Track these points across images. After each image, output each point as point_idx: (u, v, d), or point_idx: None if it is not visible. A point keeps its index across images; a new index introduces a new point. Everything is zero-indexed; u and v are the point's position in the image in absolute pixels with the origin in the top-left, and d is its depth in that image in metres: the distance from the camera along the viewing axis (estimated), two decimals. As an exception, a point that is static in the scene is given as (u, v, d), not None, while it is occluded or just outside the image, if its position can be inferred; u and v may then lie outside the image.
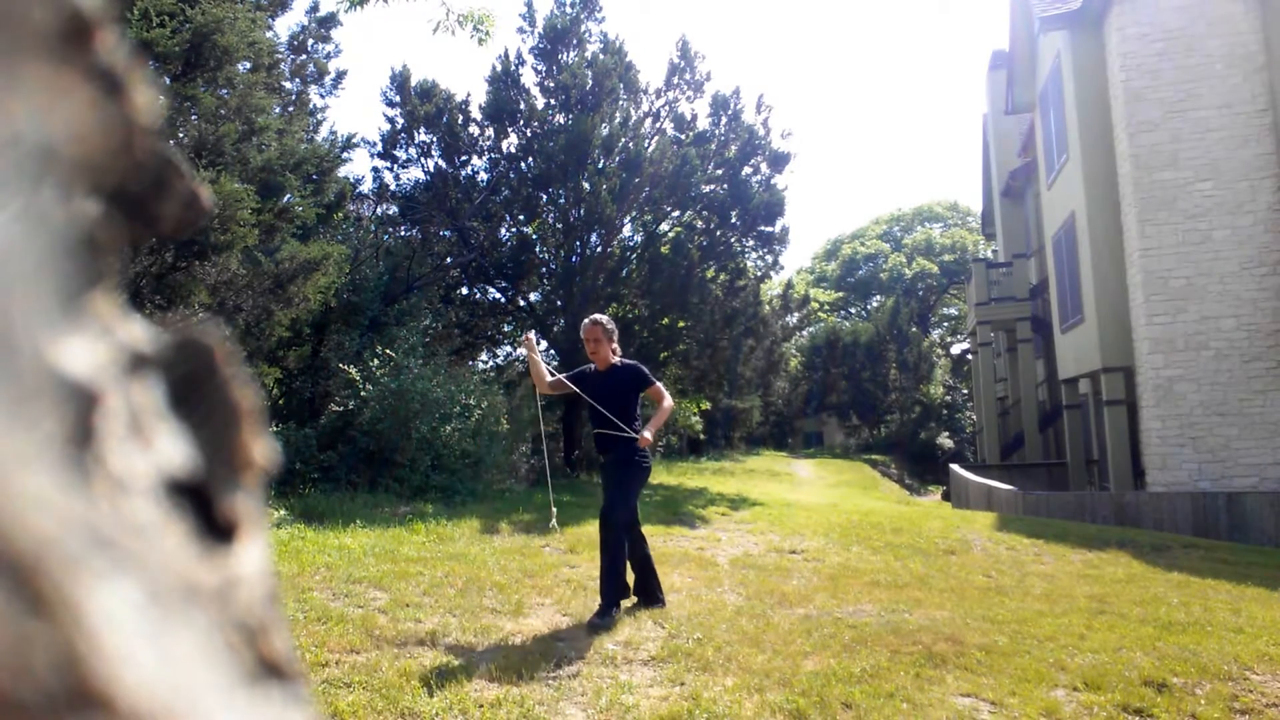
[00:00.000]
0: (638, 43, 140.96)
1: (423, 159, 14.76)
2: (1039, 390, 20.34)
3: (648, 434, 4.67)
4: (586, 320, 4.89)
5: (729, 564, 6.49)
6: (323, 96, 11.86)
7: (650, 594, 4.90)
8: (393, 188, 14.96)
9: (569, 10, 14.58)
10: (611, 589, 4.53)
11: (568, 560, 6.24)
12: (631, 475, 4.69)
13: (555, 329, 14.89)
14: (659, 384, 4.86)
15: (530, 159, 14.40)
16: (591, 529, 7.17)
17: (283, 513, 7.21)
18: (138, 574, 0.20)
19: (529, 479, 13.67)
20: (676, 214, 15.09)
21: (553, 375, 4.99)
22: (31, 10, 0.21)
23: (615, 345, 4.93)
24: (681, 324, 15.03)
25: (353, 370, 9.53)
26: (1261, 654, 4.18)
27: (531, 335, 4.93)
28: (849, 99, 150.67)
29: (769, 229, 15.17)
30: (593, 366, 4.93)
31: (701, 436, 28.39)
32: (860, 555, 6.97)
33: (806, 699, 3.39)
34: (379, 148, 14.71)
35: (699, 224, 15.17)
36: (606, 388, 4.79)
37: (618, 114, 14.39)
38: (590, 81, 13.91)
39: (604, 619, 4.41)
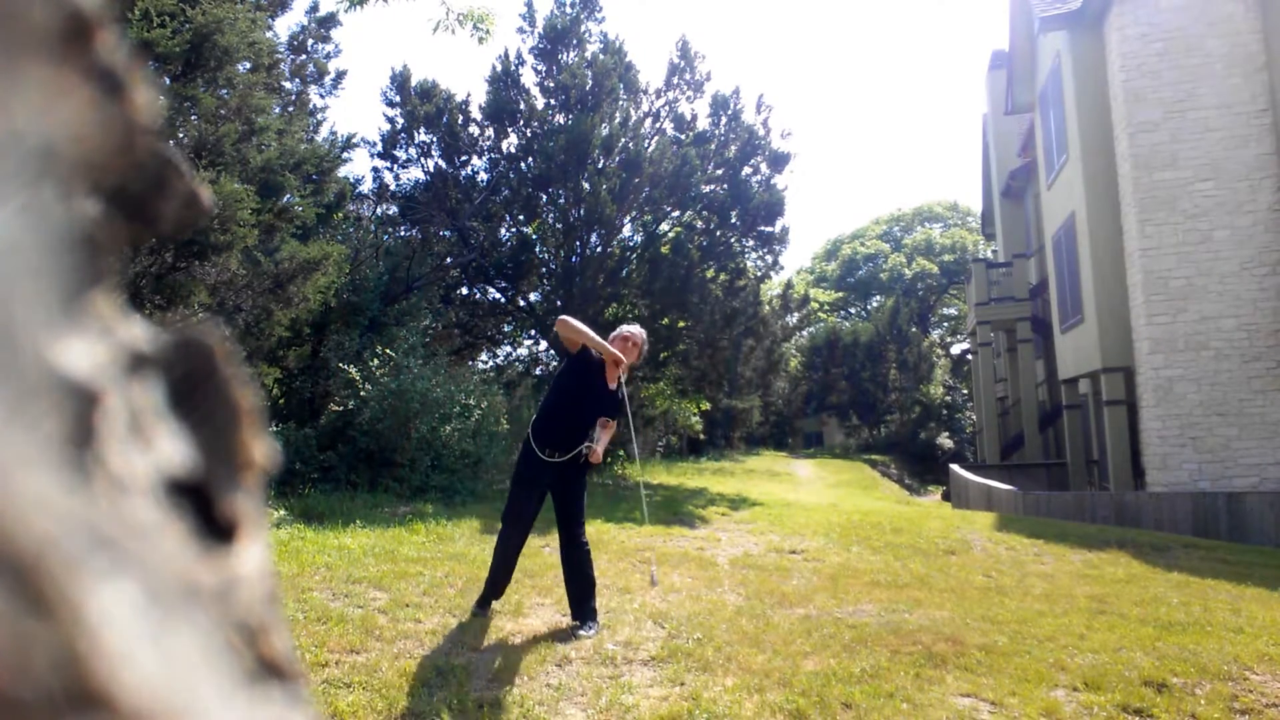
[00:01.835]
0: (638, 43, 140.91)
1: (423, 159, 14.76)
2: (1039, 390, 20.34)
3: (598, 448, 4.39)
4: (643, 333, 4.61)
5: (729, 564, 6.49)
6: (323, 96, 11.87)
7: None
8: (393, 188, 14.96)
9: (569, 10, 14.58)
10: (593, 604, 4.44)
11: (568, 560, 6.23)
12: (579, 486, 4.47)
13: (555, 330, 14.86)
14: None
15: (530, 159, 14.40)
16: (591, 529, 7.16)
17: (283, 513, 7.21)
18: (138, 574, 0.20)
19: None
20: (676, 214, 15.09)
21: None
22: (31, 10, 0.21)
23: (624, 370, 4.59)
24: (681, 324, 15.02)
25: (353, 370, 9.53)
26: (1261, 654, 4.18)
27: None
28: (849, 99, 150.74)
29: (769, 229, 15.18)
30: (598, 361, 4.55)
31: (701, 436, 28.39)
32: (860, 555, 6.97)
33: (806, 699, 3.39)
34: (379, 148, 14.71)
35: (699, 224, 15.17)
36: (597, 392, 4.46)
37: (618, 114, 14.39)
38: (590, 81, 13.91)
39: (591, 628, 4.33)
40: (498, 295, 16.00)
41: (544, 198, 14.46)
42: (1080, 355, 14.26)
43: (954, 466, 19.47)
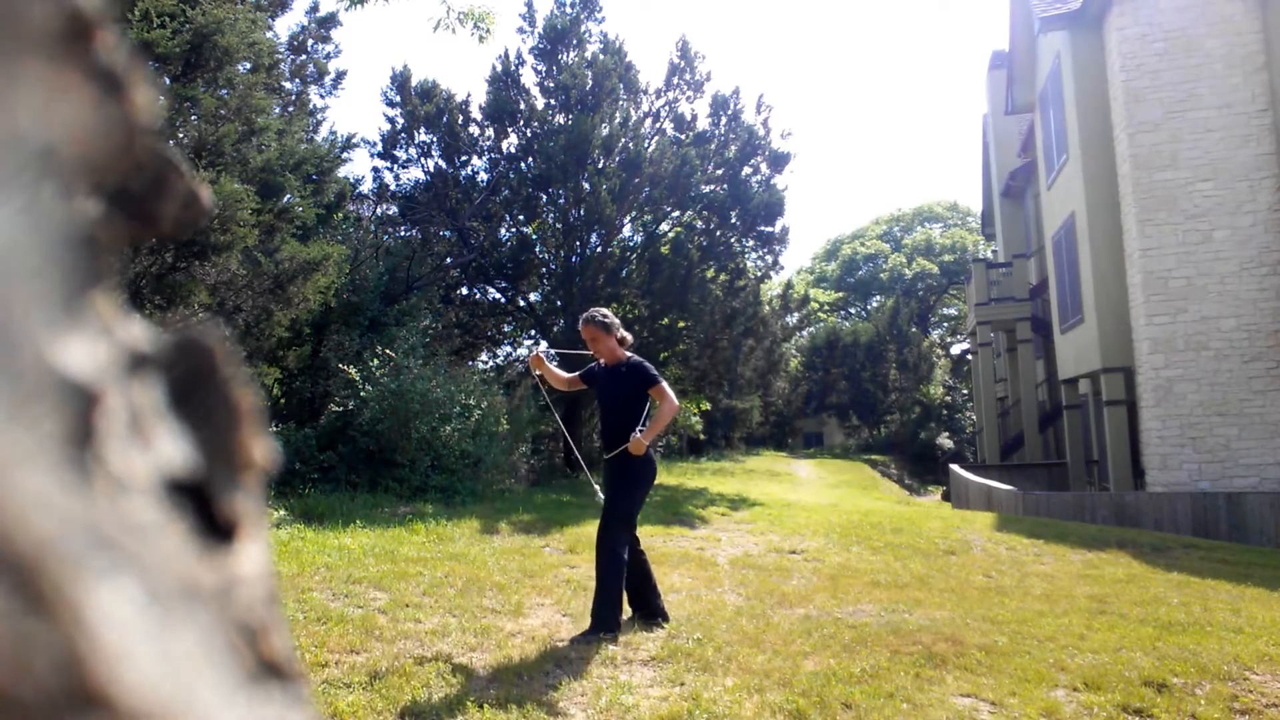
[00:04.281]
0: (638, 43, 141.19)
1: (423, 159, 14.76)
2: (1039, 390, 20.33)
3: (640, 436, 4.31)
4: (581, 319, 4.57)
5: (729, 564, 6.49)
6: (323, 96, 11.87)
7: (648, 606, 4.58)
8: (393, 188, 14.96)
9: (569, 10, 14.59)
10: (601, 611, 4.25)
11: (568, 560, 6.24)
12: (629, 486, 4.39)
13: (555, 329, 14.89)
14: (664, 383, 4.44)
15: (530, 159, 14.40)
16: (590, 529, 7.17)
17: (283, 513, 7.21)
18: (138, 574, 0.20)
19: (529, 479, 13.66)
20: (676, 214, 15.09)
21: (569, 373, 4.85)
22: (31, 10, 0.21)
23: (623, 335, 4.56)
24: (681, 324, 15.02)
25: (353, 370, 9.53)
26: (1261, 654, 4.18)
27: (538, 352, 4.72)
28: (849, 99, 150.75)
29: (769, 229, 15.18)
30: (602, 362, 4.62)
31: (701, 436, 28.37)
32: (860, 555, 6.97)
33: (806, 699, 3.39)
34: (379, 148, 14.71)
35: (699, 224, 15.17)
36: (610, 388, 4.53)
37: (618, 114, 14.39)
38: (590, 82, 13.91)
39: (587, 638, 4.15)
40: (498, 295, 16.00)
41: (544, 198, 14.46)
42: (1080, 355, 14.26)
43: (954, 466, 19.47)
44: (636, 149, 14.04)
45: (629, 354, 4.56)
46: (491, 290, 15.91)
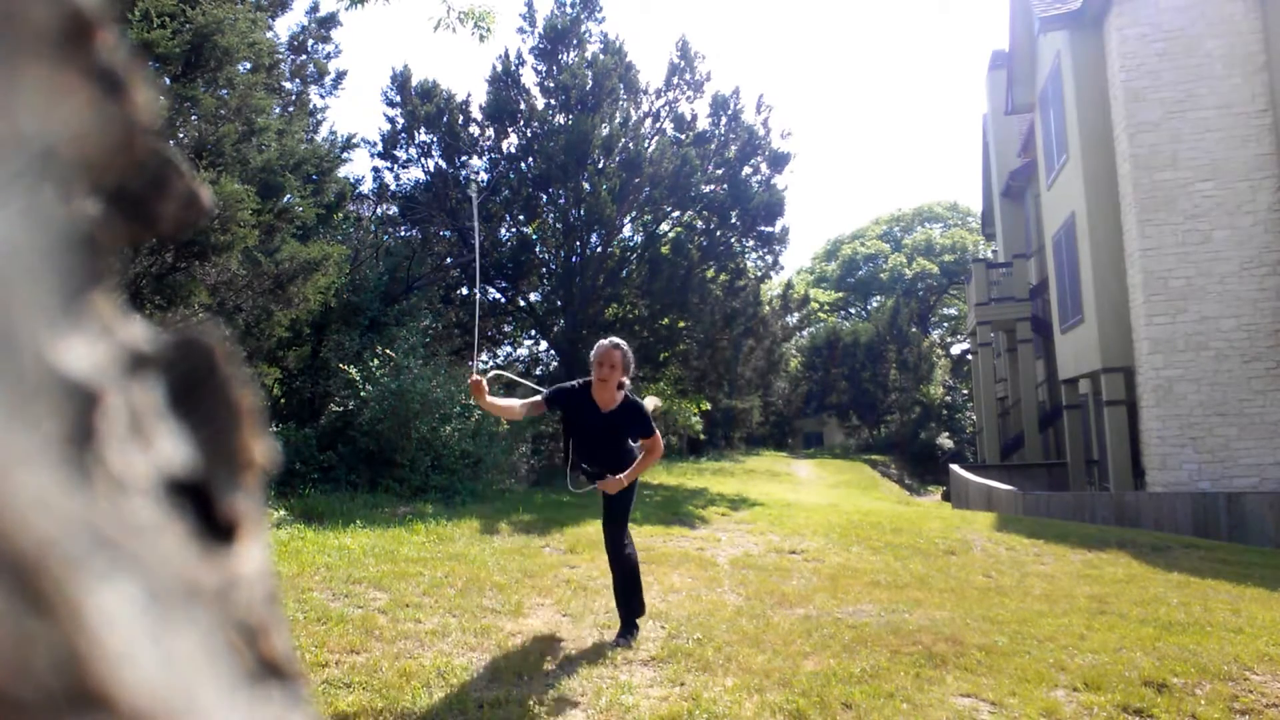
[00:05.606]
0: (638, 43, 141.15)
1: (423, 159, 14.77)
2: (1039, 390, 20.33)
3: (621, 477, 4.15)
4: (607, 342, 4.10)
5: (729, 564, 6.49)
6: (323, 97, 11.88)
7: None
8: (393, 188, 14.96)
9: (569, 10, 14.59)
10: (634, 604, 4.28)
11: (567, 560, 6.24)
12: (620, 497, 4.26)
13: (555, 329, 14.89)
14: (657, 434, 4.22)
15: (530, 159, 14.40)
16: (591, 529, 7.18)
17: (283, 513, 7.21)
18: (138, 574, 0.20)
19: (529, 479, 13.66)
20: (676, 214, 15.09)
21: (524, 398, 4.24)
22: (31, 10, 0.21)
23: (626, 379, 4.22)
24: (681, 324, 15.03)
25: (353, 370, 9.53)
26: (1261, 654, 4.18)
27: (478, 379, 3.86)
28: (849, 99, 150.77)
29: (769, 229, 15.18)
30: (577, 384, 4.23)
31: (701, 437, 28.37)
32: (860, 555, 6.97)
33: (806, 699, 3.39)
34: (379, 148, 14.72)
35: (699, 224, 15.17)
36: (603, 427, 4.19)
37: (618, 114, 14.39)
38: (590, 82, 13.91)
39: (625, 639, 4.17)
40: (498, 295, 16.01)
41: (544, 198, 14.47)
42: (1080, 355, 14.26)
43: (954, 466, 19.46)
44: (636, 149, 14.04)
45: (624, 395, 4.24)
46: (491, 290, 15.92)
